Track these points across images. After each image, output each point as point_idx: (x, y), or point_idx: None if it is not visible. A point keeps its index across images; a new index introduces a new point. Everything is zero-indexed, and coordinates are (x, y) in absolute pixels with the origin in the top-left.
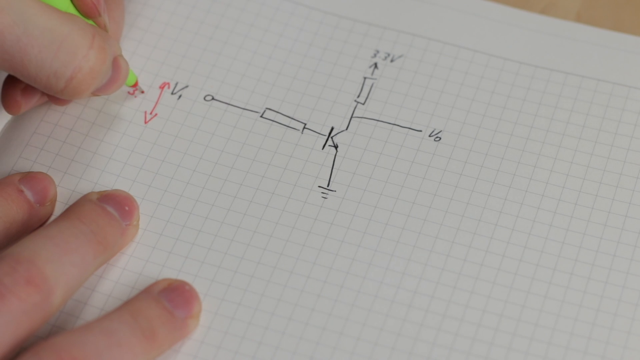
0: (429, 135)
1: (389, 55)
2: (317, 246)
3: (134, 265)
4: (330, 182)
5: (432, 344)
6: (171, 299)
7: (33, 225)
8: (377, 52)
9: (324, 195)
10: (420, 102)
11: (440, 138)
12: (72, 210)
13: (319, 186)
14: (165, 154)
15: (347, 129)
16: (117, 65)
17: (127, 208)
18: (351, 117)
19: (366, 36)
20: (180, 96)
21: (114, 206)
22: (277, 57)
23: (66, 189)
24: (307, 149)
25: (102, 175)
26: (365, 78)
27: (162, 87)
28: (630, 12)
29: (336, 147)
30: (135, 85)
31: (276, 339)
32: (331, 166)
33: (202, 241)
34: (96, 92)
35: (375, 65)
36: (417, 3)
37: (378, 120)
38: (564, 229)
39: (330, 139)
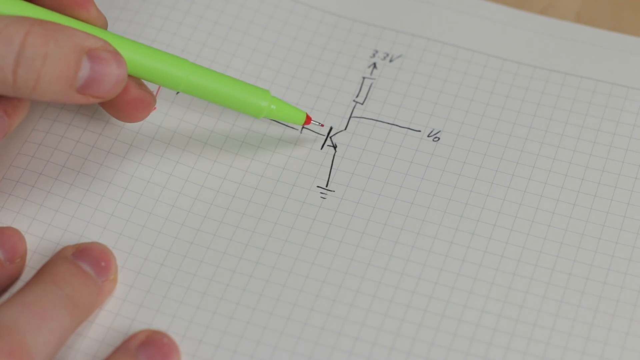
0: (428, 136)
1: (387, 55)
2: (316, 246)
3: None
4: (329, 183)
5: (430, 344)
6: (150, 355)
7: (3, 283)
8: (376, 51)
9: (323, 196)
10: (419, 102)
11: (439, 138)
12: (47, 271)
13: (318, 186)
14: (164, 150)
15: (345, 129)
16: (94, 57)
17: (103, 264)
18: (350, 117)
19: (365, 36)
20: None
21: (90, 263)
22: (275, 55)
23: (65, 183)
24: (306, 149)
25: (101, 170)
26: (364, 78)
27: None
28: (629, 12)
29: (335, 147)
30: (308, 121)
31: (274, 339)
32: (330, 166)
33: (200, 240)
34: (85, 92)
35: (374, 65)
36: (417, 3)
37: (377, 120)
38: (562, 229)
39: (329, 138)
